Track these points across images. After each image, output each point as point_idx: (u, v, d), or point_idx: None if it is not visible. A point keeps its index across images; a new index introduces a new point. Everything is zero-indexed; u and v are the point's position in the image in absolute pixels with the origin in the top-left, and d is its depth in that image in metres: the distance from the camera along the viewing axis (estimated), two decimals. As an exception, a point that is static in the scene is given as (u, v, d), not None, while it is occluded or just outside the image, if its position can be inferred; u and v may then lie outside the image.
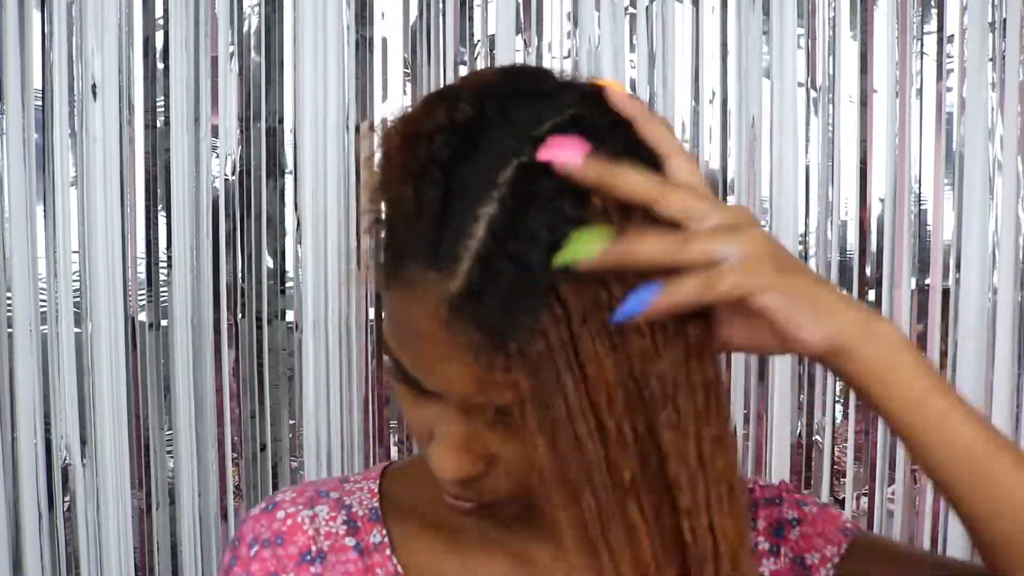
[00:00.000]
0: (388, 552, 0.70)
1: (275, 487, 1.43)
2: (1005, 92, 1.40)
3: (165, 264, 1.38)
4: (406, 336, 0.57)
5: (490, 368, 0.53)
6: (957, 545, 1.45)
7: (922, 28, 1.41)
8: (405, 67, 1.40)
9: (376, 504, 0.72)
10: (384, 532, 0.71)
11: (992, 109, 1.40)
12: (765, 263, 0.53)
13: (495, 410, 0.55)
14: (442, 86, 0.63)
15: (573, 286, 0.51)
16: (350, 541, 0.71)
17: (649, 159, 0.55)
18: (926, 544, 1.47)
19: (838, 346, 0.54)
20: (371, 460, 1.43)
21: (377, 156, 0.58)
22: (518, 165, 0.53)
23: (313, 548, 0.70)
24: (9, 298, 1.36)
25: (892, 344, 0.54)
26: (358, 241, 1.44)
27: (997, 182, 1.41)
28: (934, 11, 1.40)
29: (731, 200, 1.43)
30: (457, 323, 0.53)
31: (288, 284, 1.41)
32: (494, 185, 0.52)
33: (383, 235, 0.58)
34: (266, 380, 1.42)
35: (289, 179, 1.39)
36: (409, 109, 0.58)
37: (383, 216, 0.58)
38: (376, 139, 0.59)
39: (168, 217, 1.38)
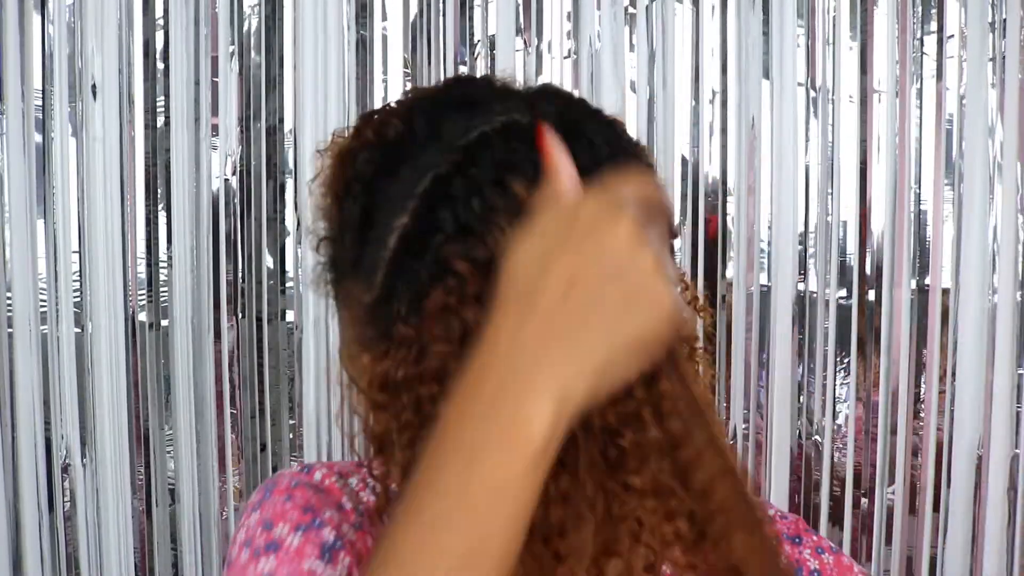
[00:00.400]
0: None
1: (275, 487, 1.43)
2: (1005, 92, 1.40)
3: (165, 264, 1.38)
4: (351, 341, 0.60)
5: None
6: (957, 545, 1.45)
7: (922, 28, 1.41)
8: (405, 67, 1.40)
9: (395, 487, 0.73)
10: None
11: (992, 109, 1.40)
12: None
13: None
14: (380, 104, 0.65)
15: (465, 259, 0.53)
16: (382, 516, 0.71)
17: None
18: (926, 544, 1.47)
19: None
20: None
21: (316, 183, 0.61)
22: (434, 176, 0.54)
23: (349, 505, 0.70)
24: (9, 298, 1.36)
25: None
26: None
27: (997, 182, 1.41)
28: (934, 11, 1.40)
29: (731, 200, 1.43)
30: (375, 327, 0.55)
31: (288, 284, 1.41)
32: (411, 197, 0.54)
33: (324, 253, 0.61)
34: (266, 380, 1.42)
35: (289, 179, 1.39)
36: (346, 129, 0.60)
37: (323, 235, 0.60)
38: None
39: (168, 217, 1.38)
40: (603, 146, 0.57)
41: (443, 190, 0.53)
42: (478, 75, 0.78)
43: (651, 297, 0.49)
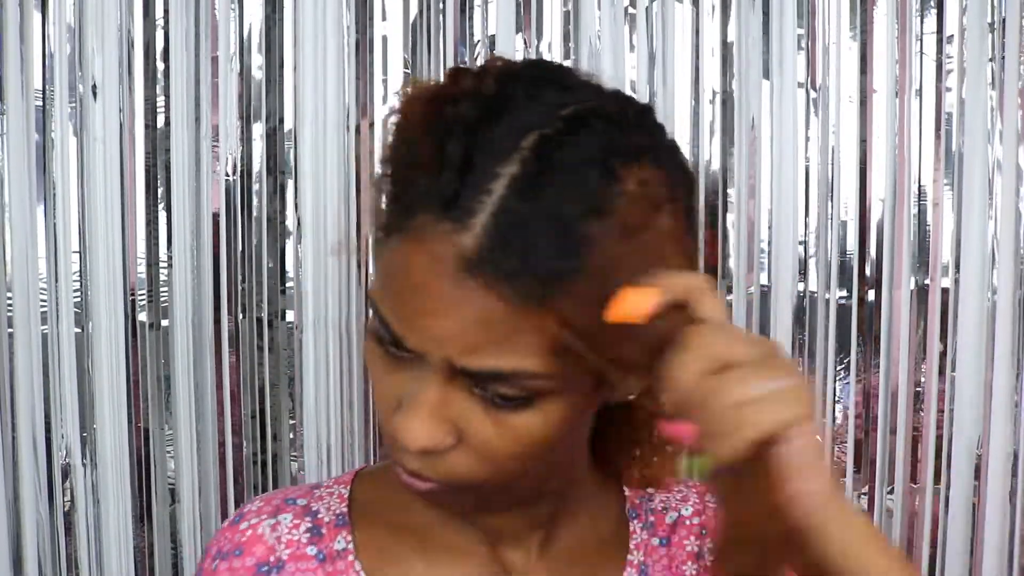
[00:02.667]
0: (351, 558, 0.69)
1: (275, 487, 1.43)
2: (1004, 92, 1.40)
3: (165, 264, 1.38)
4: (400, 288, 0.55)
5: (510, 329, 0.53)
6: (956, 545, 1.46)
7: (922, 28, 1.41)
8: (405, 67, 1.40)
9: (344, 509, 0.71)
10: (349, 538, 0.70)
11: (992, 109, 1.40)
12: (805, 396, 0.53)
13: (493, 376, 0.55)
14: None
15: (608, 238, 0.52)
16: (312, 550, 0.69)
17: (665, 158, 0.58)
18: (926, 544, 1.47)
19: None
20: (371, 460, 1.43)
21: (393, 119, 0.58)
22: (541, 135, 0.53)
23: (272, 558, 0.69)
24: (10, 298, 1.36)
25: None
26: (359, 242, 1.44)
27: (996, 182, 1.41)
28: (934, 11, 1.40)
29: (731, 199, 1.43)
30: (466, 277, 0.52)
31: (288, 284, 1.41)
32: (517, 149, 0.53)
33: (392, 188, 0.57)
34: (266, 380, 1.42)
35: (289, 179, 1.39)
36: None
37: (396, 170, 0.58)
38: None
39: (168, 217, 1.38)
40: (673, 150, 0.60)
41: (554, 151, 0.53)
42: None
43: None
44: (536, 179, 0.52)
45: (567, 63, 1.40)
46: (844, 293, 1.45)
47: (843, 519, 0.53)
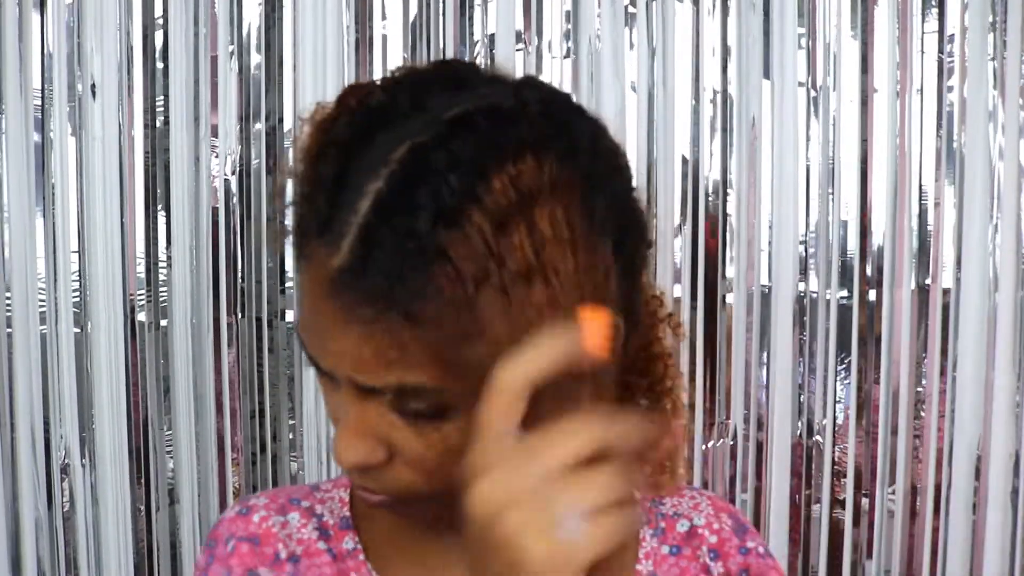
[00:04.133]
0: (361, 558, 0.70)
1: (275, 486, 1.43)
2: (1005, 92, 1.40)
3: (165, 264, 1.38)
4: (305, 313, 0.57)
5: (391, 344, 0.52)
6: (958, 545, 1.45)
7: (923, 28, 1.41)
8: (405, 67, 1.40)
9: (347, 513, 0.72)
10: (356, 539, 0.71)
11: (993, 108, 1.40)
12: None
13: (396, 391, 0.54)
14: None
15: (463, 248, 0.51)
16: (323, 546, 0.70)
17: (563, 150, 0.54)
18: (927, 544, 1.46)
19: None
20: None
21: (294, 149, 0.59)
22: (412, 145, 0.52)
23: (286, 552, 0.70)
24: (9, 298, 1.36)
25: None
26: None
27: (998, 181, 1.41)
28: (935, 11, 1.40)
29: (731, 199, 1.43)
30: (341, 297, 0.53)
31: (288, 284, 1.41)
32: (385, 163, 0.52)
33: (292, 216, 0.59)
34: (266, 380, 1.41)
35: (289, 179, 1.39)
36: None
37: (293, 198, 0.59)
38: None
39: (168, 217, 1.38)
40: (585, 140, 0.56)
41: (421, 161, 0.52)
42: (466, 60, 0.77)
43: None
44: (398, 193, 0.52)
45: (567, 62, 1.40)
46: (845, 293, 1.44)
47: None
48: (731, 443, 1.45)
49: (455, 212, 0.51)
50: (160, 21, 1.36)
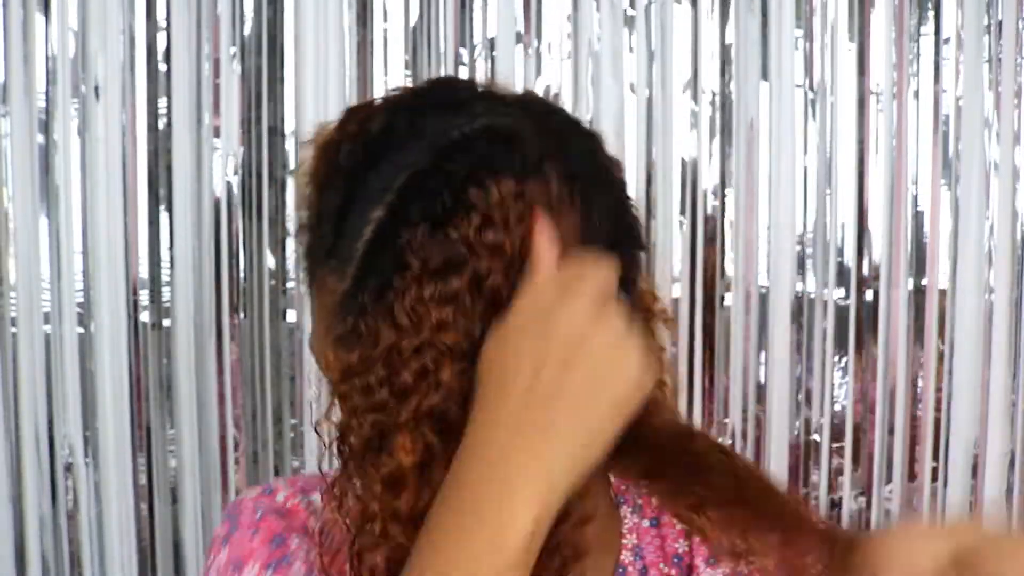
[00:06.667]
0: None
1: (276, 486, 1.44)
2: (1001, 94, 1.40)
3: (167, 264, 1.39)
4: (320, 332, 0.60)
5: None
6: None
7: (919, 30, 1.42)
8: (406, 69, 1.41)
9: None
10: None
11: (988, 110, 1.41)
12: None
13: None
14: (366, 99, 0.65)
15: (420, 250, 0.53)
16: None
17: (549, 169, 0.56)
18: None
19: None
20: (372, 459, 1.43)
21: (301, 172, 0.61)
22: (411, 174, 0.54)
23: (315, 524, 0.71)
24: (13, 298, 1.37)
25: None
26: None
27: (993, 183, 1.42)
28: (931, 13, 1.41)
29: (729, 200, 1.43)
30: (340, 320, 0.56)
31: (290, 284, 1.41)
32: (388, 191, 0.54)
33: (302, 243, 0.61)
34: (267, 380, 1.42)
35: (290, 179, 1.40)
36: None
37: (302, 224, 0.61)
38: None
39: (170, 217, 1.39)
40: (582, 157, 0.58)
41: (419, 185, 0.54)
42: (463, 77, 0.79)
43: (616, 371, 0.50)
44: (395, 221, 0.54)
45: (566, 64, 1.41)
46: (842, 293, 1.45)
47: None
48: (729, 442, 1.46)
49: (436, 220, 0.53)
50: (163, 23, 1.37)
